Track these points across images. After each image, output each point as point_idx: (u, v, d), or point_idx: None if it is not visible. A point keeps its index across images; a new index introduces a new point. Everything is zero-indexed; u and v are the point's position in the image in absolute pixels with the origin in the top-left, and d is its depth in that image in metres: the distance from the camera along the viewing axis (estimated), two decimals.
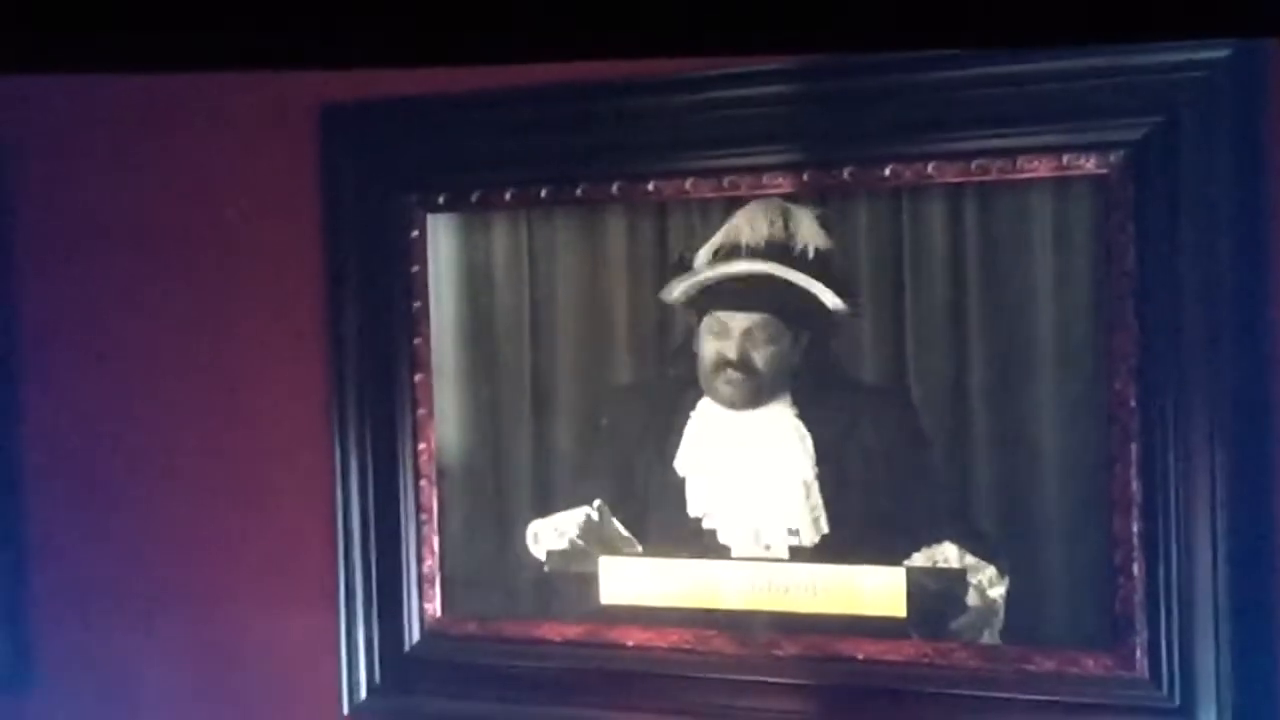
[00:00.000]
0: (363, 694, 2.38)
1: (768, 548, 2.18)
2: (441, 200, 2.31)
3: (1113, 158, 1.99)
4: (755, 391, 2.18)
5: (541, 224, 2.27)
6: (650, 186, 2.20)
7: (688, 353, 2.21)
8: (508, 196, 2.28)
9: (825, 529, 2.15)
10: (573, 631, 2.28)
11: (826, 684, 2.16)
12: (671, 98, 2.15)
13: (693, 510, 2.22)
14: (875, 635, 2.13)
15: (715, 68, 2.11)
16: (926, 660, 2.11)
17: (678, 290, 2.19)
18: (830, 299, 2.12)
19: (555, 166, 2.24)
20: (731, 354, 2.18)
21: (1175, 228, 1.96)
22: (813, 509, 2.16)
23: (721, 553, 2.20)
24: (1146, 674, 2.01)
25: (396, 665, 2.37)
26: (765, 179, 2.14)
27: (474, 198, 2.30)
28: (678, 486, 2.23)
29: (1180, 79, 1.95)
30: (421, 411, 2.34)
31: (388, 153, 2.33)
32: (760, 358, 2.17)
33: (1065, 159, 2.01)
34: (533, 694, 2.29)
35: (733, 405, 2.20)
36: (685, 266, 2.19)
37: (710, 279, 2.18)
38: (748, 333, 2.17)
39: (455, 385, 2.34)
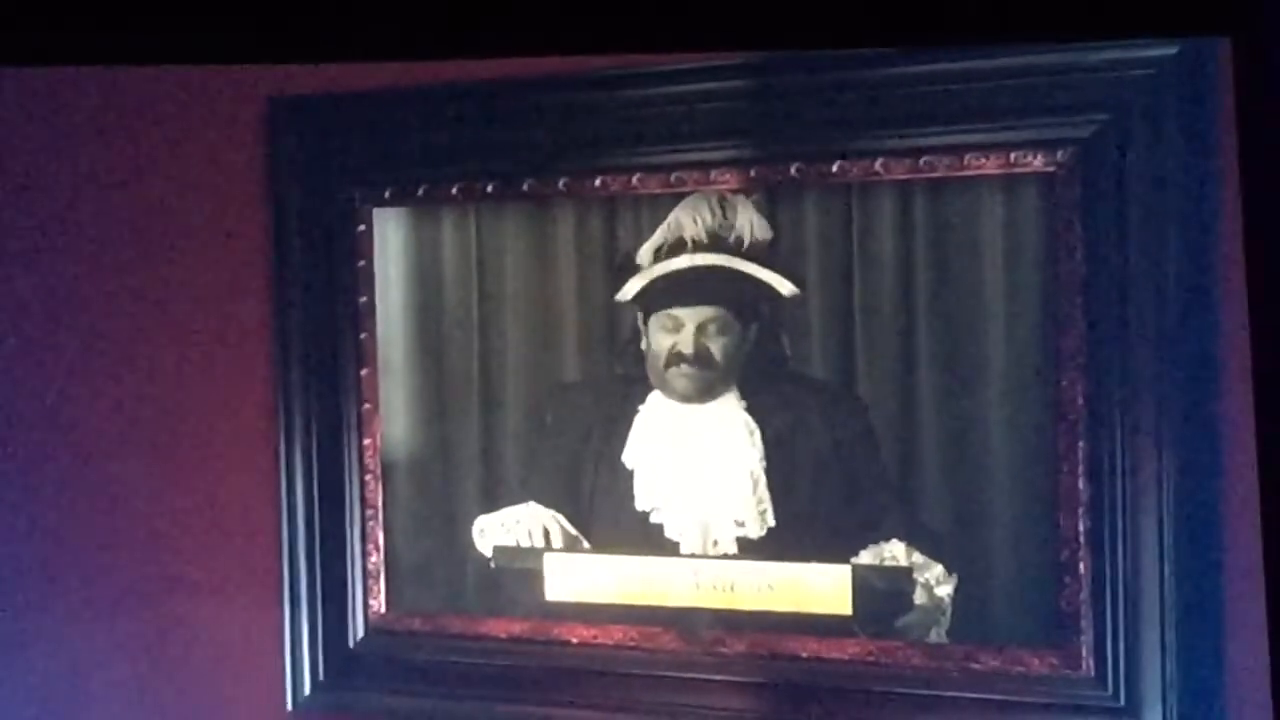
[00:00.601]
0: (306, 690, 2.37)
1: (715, 543, 2.17)
2: (388, 195, 2.30)
3: (1060, 155, 1.99)
4: (709, 384, 2.17)
5: (490, 219, 2.26)
6: (597, 182, 2.19)
7: (635, 348, 2.20)
8: (454, 191, 2.26)
9: (771, 522, 2.15)
10: (517, 628, 2.27)
11: (772, 682, 2.15)
12: (619, 93, 2.14)
13: (640, 504, 2.21)
14: (821, 633, 2.12)
15: (663, 63, 2.10)
16: (872, 658, 2.11)
17: (630, 288, 2.18)
18: (784, 285, 2.12)
19: (502, 161, 2.23)
20: (686, 348, 2.17)
21: (1123, 226, 1.96)
22: (759, 502, 2.15)
23: (669, 547, 2.19)
24: (1092, 673, 2.00)
25: (341, 661, 2.36)
26: (713, 174, 2.13)
27: (420, 192, 2.28)
28: (626, 481, 2.22)
29: (1128, 76, 1.95)
30: (367, 406, 2.32)
31: (334, 147, 2.31)
32: (715, 349, 2.16)
33: (1013, 156, 2.01)
34: (477, 690, 2.27)
35: (686, 399, 2.19)
36: (631, 263, 2.18)
37: (661, 275, 2.17)
38: (701, 326, 2.16)
39: (402, 380, 2.32)
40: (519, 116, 2.20)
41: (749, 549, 2.15)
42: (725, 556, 2.16)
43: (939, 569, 2.08)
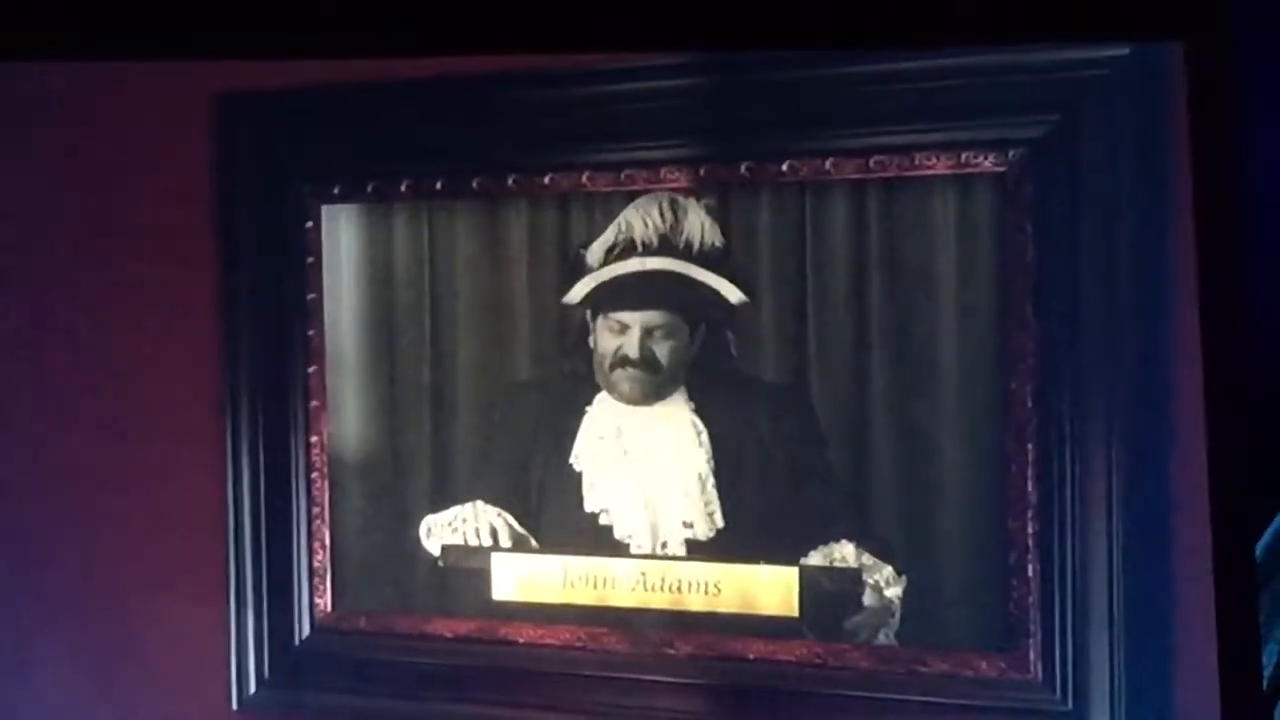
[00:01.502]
0: (252, 688, 2.35)
1: (665, 544, 2.16)
2: (336, 191, 2.29)
3: (1011, 155, 1.98)
4: (655, 387, 2.16)
5: (442, 217, 2.24)
6: (547, 180, 2.17)
7: (583, 348, 2.19)
8: (403, 188, 2.25)
9: (720, 524, 2.13)
10: (464, 628, 2.26)
11: (718, 683, 2.14)
12: (569, 91, 2.13)
13: (589, 505, 2.20)
14: (769, 635, 2.11)
15: (613, 61, 2.09)
16: (819, 660, 2.09)
17: (578, 290, 2.17)
18: (732, 293, 2.10)
19: (452, 158, 2.22)
20: (632, 352, 2.16)
21: (1074, 227, 1.95)
22: (707, 504, 2.14)
23: (617, 548, 2.18)
24: (1040, 677, 1.99)
25: (286, 660, 2.34)
26: (663, 173, 2.12)
27: (370, 189, 2.27)
28: (574, 482, 2.20)
29: (1080, 77, 1.93)
30: (314, 404, 2.31)
31: (282, 143, 2.29)
32: (661, 354, 2.15)
33: (964, 156, 2.00)
34: (423, 690, 2.26)
35: (632, 401, 2.17)
36: (580, 264, 2.17)
37: (608, 277, 2.16)
38: (648, 330, 2.15)
39: (351, 378, 2.31)
40: (468, 113, 2.19)
41: (698, 550, 2.14)
42: (673, 557, 2.15)
43: (889, 570, 2.06)
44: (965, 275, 2.01)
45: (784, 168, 2.07)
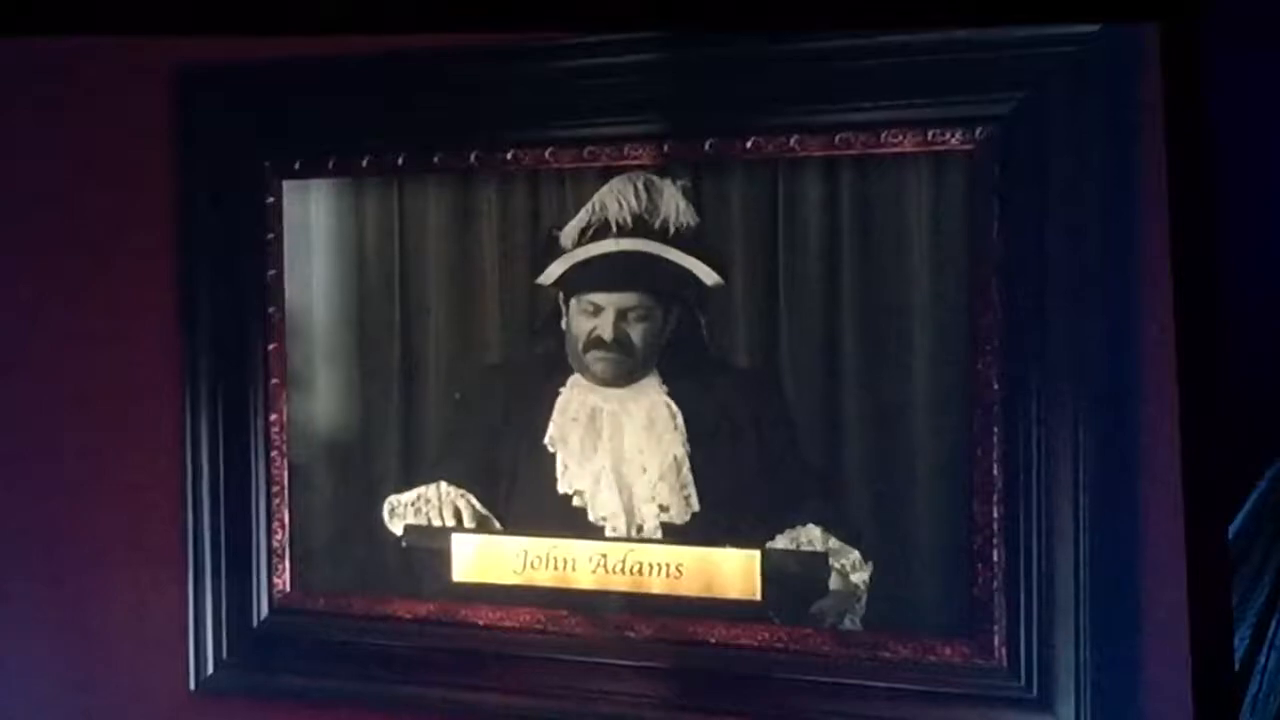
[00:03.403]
0: (210, 669, 2.34)
1: (640, 528, 2.14)
2: (297, 166, 2.27)
3: (978, 133, 1.94)
4: (628, 369, 2.14)
5: (410, 193, 2.22)
6: (509, 155, 2.15)
7: (555, 329, 2.17)
8: (364, 163, 2.23)
9: (696, 507, 2.11)
10: (424, 609, 2.24)
11: (679, 667, 2.11)
12: (531, 65, 2.11)
13: (562, 487, 2.18)
14: (732, 618, 2.09)
15: (575, 36, 2.06)
16: (781, 645, 2.07)
17: (551, 271, 2.15)
18: (707, 274, 2.08)
19: (413, 134, 2.20)
20: (605, 334, 2.14)
21: (1042, 206, 1.92)
22: (683, 486, 2.12)
23: (592, 530, 2.16)
24: (1005, 663, 1.96)
25: (245, 641, 2.33)
26: (627, 149, 2.10)
27: (330, 165, 2.25)
28: (548, 463, 2.18)
29: (1048, 53, 1.90)
30: (274, 382, 2.29)
31: (243, 117, 2.28)
32: (635, 336, 2.13)
33: (930, 134, 1.97)
34: (382, 672, 2.24)
35: (606, 383, 2.16)
36: (554, 245, 2.15)
37: (581, 258, 2.14)
38: (621, 312, 2.13)
39: (313, 357, 2.29)
40: (429, 89, 2.17)
41: (673, 533, 2.12)
42: (638, 540, 2.13)
43: (855, 555, 2.04)
44: (935, 257, 1.98)
45: (749, 144, 2.04)
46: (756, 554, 2.06)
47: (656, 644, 2.12)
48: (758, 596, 2.07)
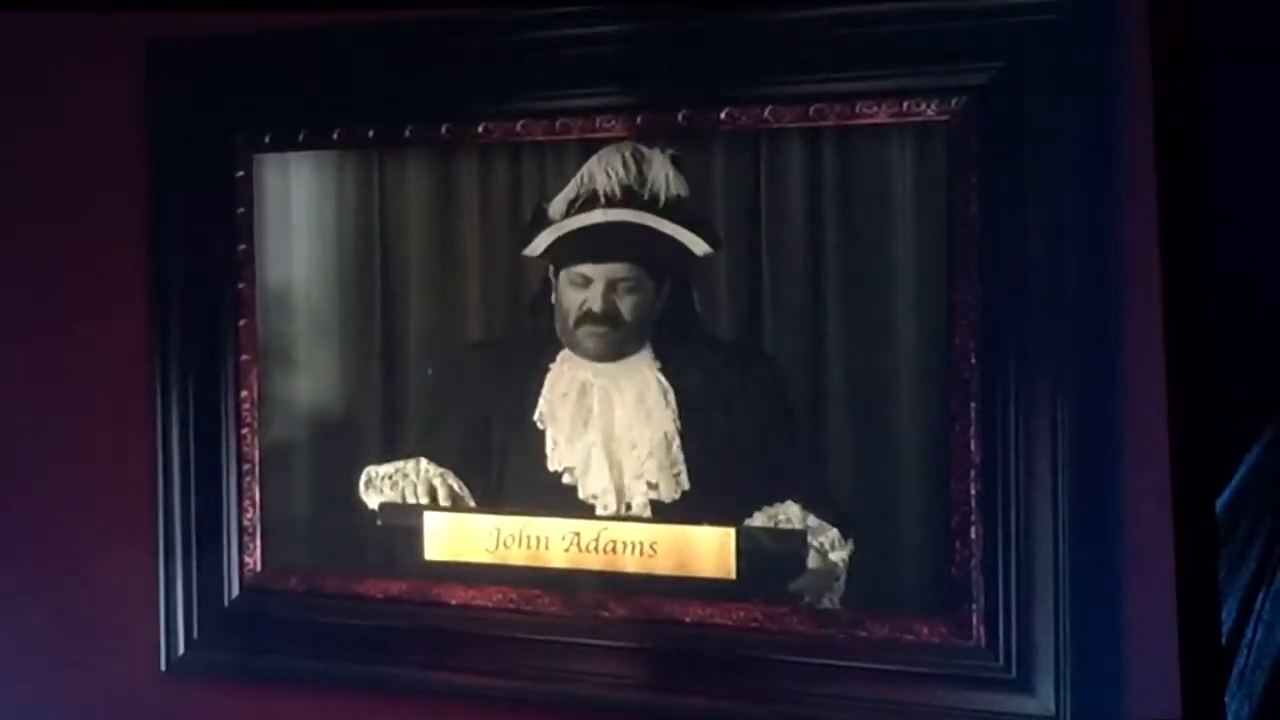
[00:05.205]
0: (181, 649, 2.32)
1: (629, 506, 2.11)
2: (268, 140, 2.24)
3: (955, 103, 1.91)
4: (619, 343, 2.11)
5: (388, 167, 2.19)
6: (480, 128, 2.13)
7: (545, 304, 2.14)
8: (335, 136, 2.21)
9: (686, 485, 2.08)
10: (395, 588, 2.21)
11: (653, 647, 2.09)
12: (501, 37, 2.08)
13: (553, 465, 2.15)
14: (708, 597, 2.06)
15: (545, 7, 2.04)
16: (757, 624, 2.04)
17: (539, 243, 2.12)
18: (697, 245, 2.05)
19: (384, 106, 2.18)
20: (596, 306, 2.10)
21: (1020, 177, 1.88)
22: (674, 465, 2.09)
23: (582, 508, 2.12)
24: (983, 643, 1.93)
25: (215, 620, 2.31)
26: (599, 121, 2.07)
27: (301, 138, 2.23)
28: (537, 441, 2.15)
29: (1026, 21, 1.86)
30: (245, 358, 2.27)
31: (214, 91, 2.25)
32: (625, 308, 2.10)
33: (905, 104, 1.93)
34: (353, 651, 2.22)
35: (596, 358, 2.13)
36: (542, 217, 2.12)
37: (570, 230, 2.11)
38: (611, 283, 2.10)
39: (288, 333, 2.27)
40: (400, 61, 2.15)
41: (661, 511, 2.09)
42: (621, 518, 2.11)
43: (834, 533, 2.01)
44: (913, 230, 1.94)
45: (722, 115, 2.01)
46: (731, 532, 2.04)
47: (630, 623, 2.10)
48: (733, 575, 2.04)
